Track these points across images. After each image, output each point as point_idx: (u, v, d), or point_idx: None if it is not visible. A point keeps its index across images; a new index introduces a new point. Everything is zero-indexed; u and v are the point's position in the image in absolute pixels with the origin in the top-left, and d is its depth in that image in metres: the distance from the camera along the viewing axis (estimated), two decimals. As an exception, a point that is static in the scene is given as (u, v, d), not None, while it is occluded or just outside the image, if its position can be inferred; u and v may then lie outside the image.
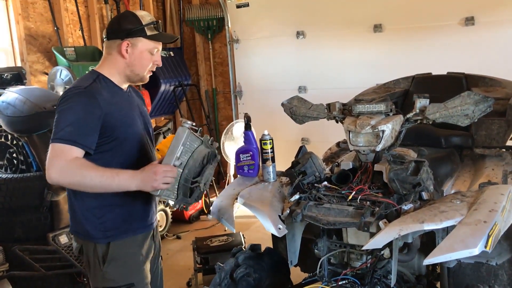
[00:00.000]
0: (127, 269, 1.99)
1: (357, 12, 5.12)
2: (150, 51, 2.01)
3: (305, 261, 2.46)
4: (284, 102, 2.46)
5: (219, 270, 2.38)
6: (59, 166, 1.78)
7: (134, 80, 2.07)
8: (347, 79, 5.19)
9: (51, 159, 1.79)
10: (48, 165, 1.79)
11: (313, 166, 2.26)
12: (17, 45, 4.42)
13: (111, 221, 1.97)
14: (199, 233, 4.79)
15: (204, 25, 6.33)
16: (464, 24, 4.57)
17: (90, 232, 1.96)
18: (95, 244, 1.96)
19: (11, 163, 3.61)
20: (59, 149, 1.79)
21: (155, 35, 2.00)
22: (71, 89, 1.92)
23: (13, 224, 3.44)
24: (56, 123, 1.84)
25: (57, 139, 1.80)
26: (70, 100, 1.87)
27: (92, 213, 1.96)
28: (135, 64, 2.00)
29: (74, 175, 1.79)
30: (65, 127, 1.81)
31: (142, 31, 1.97)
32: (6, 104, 3.50)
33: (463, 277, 2.12)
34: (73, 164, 1.79)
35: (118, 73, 2.02)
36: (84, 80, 1.97)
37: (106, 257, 1.95)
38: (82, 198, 1.96)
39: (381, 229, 1.84)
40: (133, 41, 1.97)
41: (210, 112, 6.57)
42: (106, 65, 2.03)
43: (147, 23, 1.98)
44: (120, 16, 2.10)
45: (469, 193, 2.00)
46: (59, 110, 1.87)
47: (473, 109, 1.98)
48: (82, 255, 2.04)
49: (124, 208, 1.99)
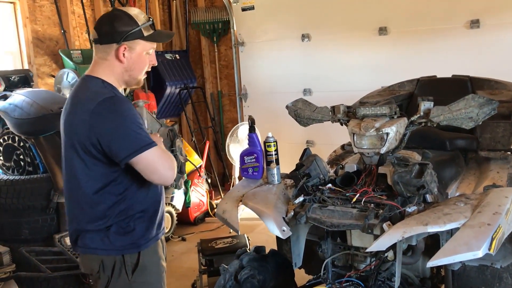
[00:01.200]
0: (153, 277, 1.97)
1: (362, 15, 5.13)
2: (147, 52, 1.91)
3: (309, 263, 2.47)
4: (289, 104, 2.48)
5: (224, 271, 2.39)
6: (170, 164, 1.82)
7: (131, 84, 1.96)
8: (352, 82, 5.19)
9: (159, 162, 1.78)
10: (162, 168, 1.79)
11: (317, 169, 2.27)
12: (24, 48, 4.46)
13: (138, 230, 1.90)
14: (204, 235, 4.80)
15: (209, 28, 6.36)
16: (469, 27, 4.57)
17: (120, 243, 1.87)
18: (123, 256, 1.88)
19: (18, 164, 3.64)
20: (155, 154, 1.78)
21: (152, 35, 1.89)
22: (101, 100, 1.76)
23: (20, 225, 3.46)
24: (123, 137, 1.75)
25: (146, 146, 1.75)
26: (114, 111, 1.77)
27: (119, 226, 1.87)
28: (133, 68, 1.89)
29: (174, 167, 1.86)
30: (141, 133, 1.77)
31: (139, 33, 1.84)
32: (13, 106, 3.53)
33: (467, 280, 2.12)
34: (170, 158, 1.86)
35: (116, 79, 1.90)
36: (99, 87, 1.84)
37: (136, 266, 1.89)
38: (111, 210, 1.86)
39: (385, 231, 1.84)
40: (131, 44, 1.85)
41: (215, 115, 6.59)
42: (102, 70, 1.88)
43: (143, 23, 1.85)
44: (111, 16, 1.89)
45: (473, 196, 2.00)
46: (113, 126, 1.75)
47: (478, 112, 1.98)
48: (99, 274, 1.92)
49: (145, 216, 1.93)
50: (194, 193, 5.19)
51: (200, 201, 5.32)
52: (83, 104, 1.79)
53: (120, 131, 1.75)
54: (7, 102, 3.60)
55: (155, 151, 1.77)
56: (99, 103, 1.76)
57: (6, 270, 3.29)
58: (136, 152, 1.74)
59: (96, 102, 1.76)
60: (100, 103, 1.76)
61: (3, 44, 4.39)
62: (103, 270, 1.89)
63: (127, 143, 1.74)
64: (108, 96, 1.78)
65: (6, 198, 3.44)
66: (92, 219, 1.87)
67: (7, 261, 3.35)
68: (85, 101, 1.80)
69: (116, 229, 1.87)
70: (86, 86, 1.88)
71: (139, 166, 1.77)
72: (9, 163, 3.67)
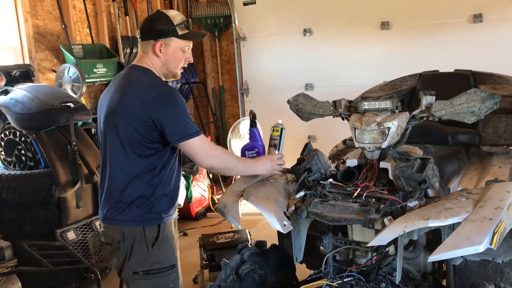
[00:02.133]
0: (170, 251, 2.14)
1: (364, 9, 5.11)
2: (182, 49, 2.14)
3: (310, 257, 2.46)
4: (290, 99, 2.47)
5: (225, 266, 2.39)
6: (214, 153, 2.14)
7: (168, 77, 2.20)
8: (354, 77, 5.19)
9: (203, 150, 2.09)
10: (204, 155, 2.09)
11: (318, 163, 2.26)
12: (25, 43, 4.45)
13: (161, 206, 2.11)
14: (205, 230, 4.81)
15: (211, 23, 6.35)
16: (472, 21, 4.55)
17: (141, 216, 2.07)
18: (143, 228, 2.06)
19: (20, 159, 3.65)
20: (200, 141, 2.07)
21: (186, 34, 2.13)
22: (161, 90, 2.03)
23: (22, 220, 3.48)
24: (175, 123, 2.02)
25: (191, 135, 2.04)
26: (171, 100, 2.03)
27: (144, 200, 2.07)
28: (169, 62, 2.14)
29: (224, 160, 2.17)
30: (187, 123, 2.04)
31: (174, 31, 2.09)
32: (14, 101, 3.54)
33: (469, 274, 2.11)
34: (219, 150, 2.18)
35: (156, 71, 2.14)
36: (155, 78, 2.11)
37: (156, 239, 2.07)
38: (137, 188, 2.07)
39: (386, 226, 1.84)
40: (166, 41, 2.10)
41: (217, 110, 6.59)
42: (146, 63, 2.14)
43: (178, 23, 2.10)
44: (152, 17, 2.19)
45: (475, 191, 1.99)
46: (168, 113, 2.00)
47: (480, 106, 1.97)
48: (119, 243, 2.09)
49: (169, 194, 2.15)
50: (195, 188, 5.20)
51: (201, 196, 5.33)
52: (145, 90, 2.03)
53: (176, 119, 2.02)
54: (8, 97, 3.61)
55: (199, 140, 2.06)
56: (161, 92, 2.02)
57: (8, 265, 3.30)
58: (185, 138, 2.03)
59: (158, 91, 2.02)
60: (162, 92, 2.02)
61: (4, 39, 4.39)
62: (123, 241, 2.08)
63: (180, 130, 2.02)
64: (168, 87, 2.07)
65: (8, 193, 3.45)
66: (119, 192, 2.08)
67: (9, 255, 3.36)
68: (146, 88, 2.04)
69: (141, 203, 2.07)
70: (142, 74, 2.11)
71: (185, 149, 2.07)
72: (11, 158, 3.68)
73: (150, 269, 2.07)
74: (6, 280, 3.25)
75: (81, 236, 3.54)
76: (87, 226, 3.63)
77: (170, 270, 2.12)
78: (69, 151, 3.51)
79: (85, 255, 3.54)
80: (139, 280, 2.08)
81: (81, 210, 3.61)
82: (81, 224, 3.60)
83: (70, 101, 3.59)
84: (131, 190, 2.07)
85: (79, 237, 3.53)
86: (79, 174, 3.51)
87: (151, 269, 2.07)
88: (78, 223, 3.58)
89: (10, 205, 3.49)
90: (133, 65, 2.17)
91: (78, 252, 3.46)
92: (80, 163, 3.53)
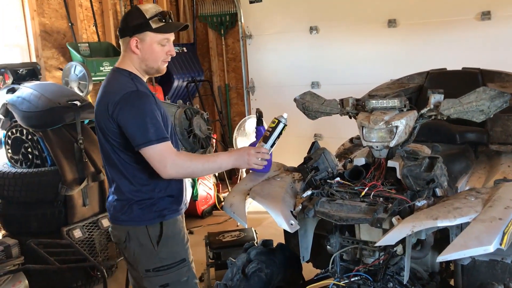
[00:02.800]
0: (178, 247, 2.13)
1: (371, 7, 5.08)
2: (160, 43, 2.05)
3: (317, 257, 2.45)
4: (297, 97, 2.45)
5: (231, 265, 2.38)
6: (173, 162, 1.95)
7: (151, 73, 2.13)
8: (360, 75, 5.16)
9: (161, 159, 1.93)
10: (162, 165, 1.94)
11: (325, 162, 2.24)
12: (32, 41, 4.46)
13: (161, 203, 2.08)
14: (211, 228, 4.80)
15: (217, 21, 6.34)
16: (480, 19, 4.51)
17: (142, 215, 2.06)
18: (146, 227, 2.06)
19: (26, 157, 3.66)
20: (159, 150, 1.94)
21: (160, 27, 2.03)
22: (124, 93, 1.95)
23: (28, 218, 3.49)
24: (135, 129, 1.93)
25: (150, 142, 1.92)
26: (132, 104, 1.95)
27: (145, 199, 2.06)
28: (147, 58, 2.06)
29: (187, 167, 1.99)
30: (148, 129, 1.93)
31: (147, 25, 2.01)
32: (21, 99, 3.55)
33: (477, 274, 2.09)
34: (182, 157, 2.00)
35: (136, 69, 2.09)
36: (125, 81, 2.03)
37: (160, 237, 2.06)
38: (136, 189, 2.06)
39: (394, 225, 1.82)
40: (141, 37, 2.02)
41: (222, 108, 6.58)
42: (126, 62, 2.09)
43: (151, 16, 2.01)
44: (127, 13, 2.13)
45: (484, 190, 1.97)
46: (128, 117, 1.93)
47: (489, 105, 1.95)
48: (125, 243, 2.10)
49: (169, 192, 2.12)
50: (201, 186, 5.20)
51: (207, 194, 5.32)
52: (110, 96, 1.99)
53: (134, 122, 1.94)
54: (15, 95, 3.62)
55: (160, 147, 1.94)
56: (124, 95, 1.95)
57: (15, 263, 3.32)
58: (144, 144, 1.93)
59: (121, 94, 1.95)
60: (125, 95, 1.95)
61: (11, 37, 4.40)
62: (129, 240, 2.08)
63: (137, 135, 1.93)
64: (131, 90, 1.97)
65: (15, 191, 3.47)
66: (121, 193, 2.08)
67: (16, 253, 3.38)
68: (111, 93, 1.99)
69: (141, 203, 2.05)
70: (115, 78, 2.07)
71: (145, 156, 1.95)
72: (18, 156, 3.69)
73: (160, 265, 2.07)
74: (13, 277, 3.26)
75: (87, 234, 3.55)
76: (93, 224, 3.64)
77: (180, 264, 2.12)
78: (75, 149, 3.52)
79: (91, 253, 3.55)
80: (152, 277, 2.09)
81: (87, 208, 3.62)
82: (88, 222, 3.60)
83: (77, 99, 3.60)
84: (130, 190, 2.06)
85: (85, 235, 3.54)
86: (85, 172, 3.52)
87: (161, 265, 2.07)
88: (85, 221, 3.59)
89: (17, 203, 3.50)
90: (114, 68, 2.13)
91: (84, 250, 3.47)
92: (86, 161, 3.54)
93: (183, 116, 2.68)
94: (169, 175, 1.97)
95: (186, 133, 2.65)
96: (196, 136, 2.69)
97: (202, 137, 2.73)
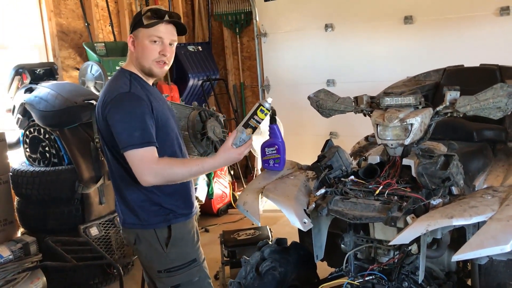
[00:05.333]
0: (188, 247, 2.13)
1: (387, 3, 5.03)
2: (150, 40, 1.98)
3: (332, 255, 2.44)
4: (311, 95, 2.44)
5: (245, 263, 2.38)
6: (151, 170, 1.87)
7: (145, 73, 2.05)
8: (376, 72, 5.11)
9: (140, 165, 1.87)
10: (140, 172, 1.87)
11: (339, 160, 2.23)
12: (49, 41, 4.52)
13: (168, 207, 2.06)
14: (226, 226, 4.81)
15: (232, 19, 6.34)
16: (499, 14, 4.43)
17: (149, 219, 2.05)
18: (154, 230, 2.05)
19: (44, 156, 3.70)
20: (140, 155, 1.87)
21: (150, 22, 1.97)
22: (116, 95, 1.92)
23: (46, 216, 3.54)
24: (120, 131, 1.88)
25: (132, 145, 1.86)
26: (121, 106, 1.91)
27: (149, 203, 2.04)
28: (140, 56, 2.02)
29: (167, 175, 1.89)
30: (133, 133, 1.87)
31: (140, 22, 1.99)
32: (38, 99, 3.59)
33: (495, 274, 2.06)
34: (162, 164, 1.89)
35: (135, 68, 2.06)
36: (122, 82, 1.99)
37: (168, 239, 2.05)
38: (137, 191, 2.03)
39: (408, 224, 1.80)
40: (135, 33, 2.02)
41: (238, 106, 6.58)
42: (129, 62, 2.09)
43: (144, 12, 1.99)
44: None
45: (501, 188, 1.94)
46: (116, 119, 1.90)
47: (506, 102, 1.91)
48: (135, 246, 2.10)
49: (176, 195, 2.09)
50: (217, 185, 5.21)
51: (223, 192, 5.34)
52: (105, 96, 1.97)
53: (120, 125, 1.89)
54: (32, 95, 3.66)
55: (141, 153, 1.87)
56: (115, 97, 1.92)
57: (33, 260, 3.37)
58: (126, 148, 1.88)
59: (113, 95, 1.93)
60: (116, 96, 1.92)
61: (29, 37, 4.46)
62: (139, 243, 2.08)
63: (121, 138, 1.89)
64: (123, 91, 1.94)
65: (33, 189, 3.51)
66: (127, 197, 2.06)
67: (34, 250, 3.43)
68: (107, 94, 1.97)
69: (146, 207, 2.04)
70: (114, 79, 2.06)
71: (127, 160, 1.90)
72: (35, 154, 3.74)
73: (171, 266, 2.08)
74: (31, 274, 3.31)
75: (103, 232, 3.59)
76: (109, 222, 3.67)
77: (191, 265, 2.12)
78: (91, 148, 3.56)
79: (108, 251, 3.58)
80: (164, 278, 2.10)
81: (103, 206, 3.66)
82: (104, 220, 3.64)
83: (93, 99, 3.63)
84: (132, 194, 2.04)
85: (102, 233, 3.57)
86: (101, 171, 3.55)
87: (171, 266, 2.08)
88: (101, 219, 3.63)
89: (35, 201, 3.55)
90: (119, 69, 2.13)
91: (100, 247, 3.50)
92: (102, 159, 3.57)
93: (197, 118, 2.66)
94: (147, 182, 1.88)
95: (199, 135, 2.63)
96: (209, 138, 2.66)
97: (216, 139, 2.69)
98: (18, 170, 3.61)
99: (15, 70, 3.91)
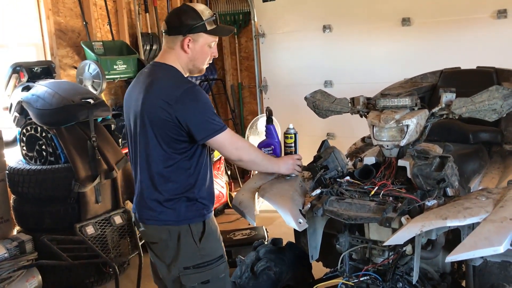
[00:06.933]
0: (217, 242, 2.18)
1: (385, 5, 5.04)
2: (209, 45, 2.12)
3: (327, 256, 2.45)
4: (307, 96, 2.45)
5: (240, 263, 2.39)
6: (243, 146, 2.15)
7: (194, 72, 2.18)
8: (374, 74, 5.12)
9: (233, 143, 2.09)
10: (234, 148, 2.09)
11: (335, 161, 2.23)
12: (47, 39, 4.51)
13: (201, 202, 2.12)
14: (223, 226, 4.78)
15: (230, 20, 6.34)
16: (496, 17, 4.45)
17: (186, 214, 2.08)
18: (189, 225, 2.08)
19: (40, 154, 3.70)
20: (228, 136, 2.07)
21: (215, 29, 2.10)
22: (186, 88, 2.00)
23: (42, 214, 3.53)
24: (202, 121, 2.00)
25: (219, 130, 2.02)
26: (195, 98, 2.00)
27: (185, 198, 2.08)
28: (196, 58, 2.11)
29: (254, 154, 2.18)
30: (215, 119, 2.03)
31: (203, 26, 2.06)
32: (35, 97, 3.59)
33: (489, 276, 2.07)
34: (249, 144, 2.23)
35: (182, 67, 2.12)
36: (180, 76, 2.08)
37: (202, 234, 2.10)
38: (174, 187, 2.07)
39: (403, 225, 1.81)
40: (195, 37, 2.07)
41: (235, 107, 6.58)
42: (170, 59, 2.11)
43: (207, 18, 2.07)
44: (180, 11, 2.13)
45: (495, 190, 1.95)
46: (195, 111, 1.99)
47: (502, 104, 1.92)
48: (166, 242, 2.10)
49: (208, 189, 2.18)
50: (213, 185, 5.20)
51: (219, 192, 5.33)
52: (167, 90, 2.01)
53: (201, 117, 2.00)
54: (30, 93, 3.66)
55: (225, 134, 2.05)
56: (184, 91, 1.99)
57: (28, 258, 3.37)
58: (211, 135, 2.02)
59: (181, 90, 1.99)
60: (185, 91, 1.99)
61: (26, 36, 4.45)
62: (170, 239, 2.09)
63: (206, 127, 2.01)
64: (190, 85, 2.02)
65: (29, 188, 3.51)
66: (162, 192, 2.08)
67: (30, 249, 3.43)
68: (168, 87, 2.02)
69: (184, 201, 2.08)
70: (167, 73, 2.09)
71: (213, 145, 2.06)
72: (32, 153, 3.73)
73: (201, 262, 2.09)
74: (27, 273, 3.31)
75: (99, 231, 3.58)
76: (106, 221, 3.66)
77: (219, 260, 2.14)
78: (88, 147, 3.55)
79: (104, 250, 3.57)
80: (191, 275, 2.09)
81: (100, 205, 3.65)
82: (100, 219, 3.63)
83: (90, 97, 3.63)
84: (169, 189, 2.06)
85: (98, 232, 3.56)
86: (98, 170, 3.55)
87: (201, 262, 2.09)
88: (97, 218, 3.62)
89: (31, 199, 3.55)
90: (156, 63, 2.13)
91: (96, 246, 3.49)
92: (99, 158, 3.57)
93: None
94: (239, 157, 2.11)
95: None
96: None
97: None
98: (14, 168, 3.60)
99: (12, 68, 3.90)
